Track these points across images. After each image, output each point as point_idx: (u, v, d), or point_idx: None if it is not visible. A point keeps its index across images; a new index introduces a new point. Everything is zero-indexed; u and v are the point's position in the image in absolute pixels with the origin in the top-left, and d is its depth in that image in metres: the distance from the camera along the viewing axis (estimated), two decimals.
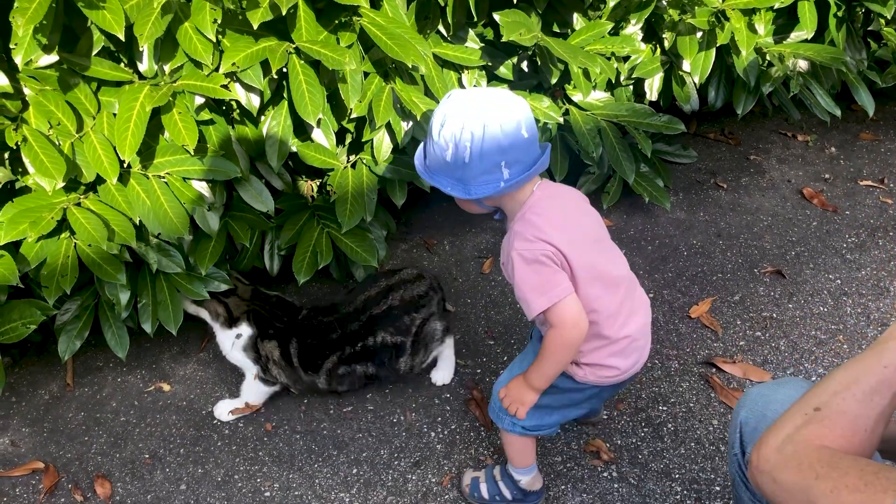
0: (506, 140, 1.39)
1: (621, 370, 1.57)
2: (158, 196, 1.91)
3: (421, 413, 2.15)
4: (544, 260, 1.43)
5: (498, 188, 1.43)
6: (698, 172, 3.04)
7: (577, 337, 1.46)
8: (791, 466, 0.95)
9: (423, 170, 1.51)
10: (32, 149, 1.73)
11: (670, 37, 2.53)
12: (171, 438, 2.13)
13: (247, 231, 2.16)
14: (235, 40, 1.85)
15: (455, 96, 1.42)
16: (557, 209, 1.50)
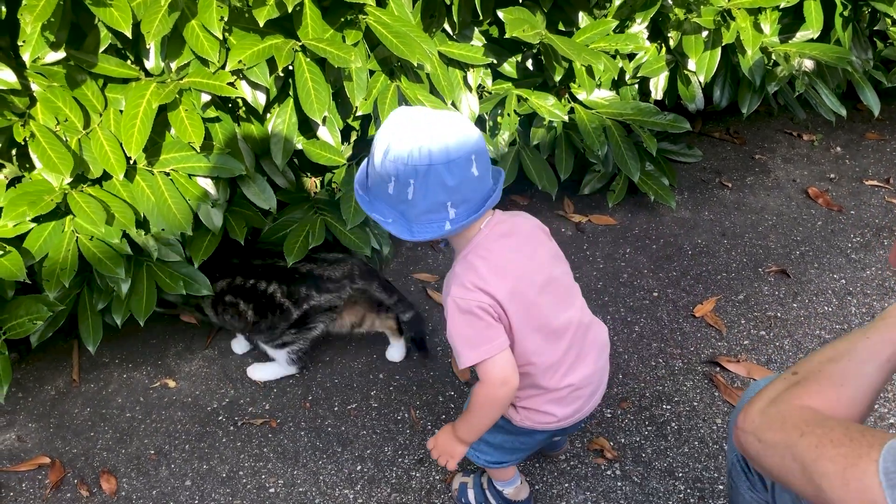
0: (453, 180, 1.26)
1: (558, 417, 1.51)
2: (163, 192, 1.92)
3: (425, 411, 2.15)
4: (479, 312, 1.34)
5: (442, 230, 1.31)
6: (703, 171, 3.04)
7: (503, 395, 1.39)
8: (775, 426, 0.95)
9: (362, 194, 1.37)
10: (40, 144, 1.74)
11: (676, 36, 2.53)
12: (177, 434, 2.14)
13: (243, 227, 2.16)
14: (242, 38, 1.86)
15: (402, 122, 1.28)
16: (504, 252, 1.39)
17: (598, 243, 2.70)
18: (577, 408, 1.53)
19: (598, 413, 2.09)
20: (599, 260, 2.63)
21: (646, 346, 2.29)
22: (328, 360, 2.33)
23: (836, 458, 0.87)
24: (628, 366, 2.23)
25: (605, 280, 2.54)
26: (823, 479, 0.87)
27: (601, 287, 2.51)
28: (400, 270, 2.65)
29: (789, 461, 0.91)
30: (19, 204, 1.78)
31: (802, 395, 0.98)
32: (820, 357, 1.03)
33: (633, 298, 2.46)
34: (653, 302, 2.44)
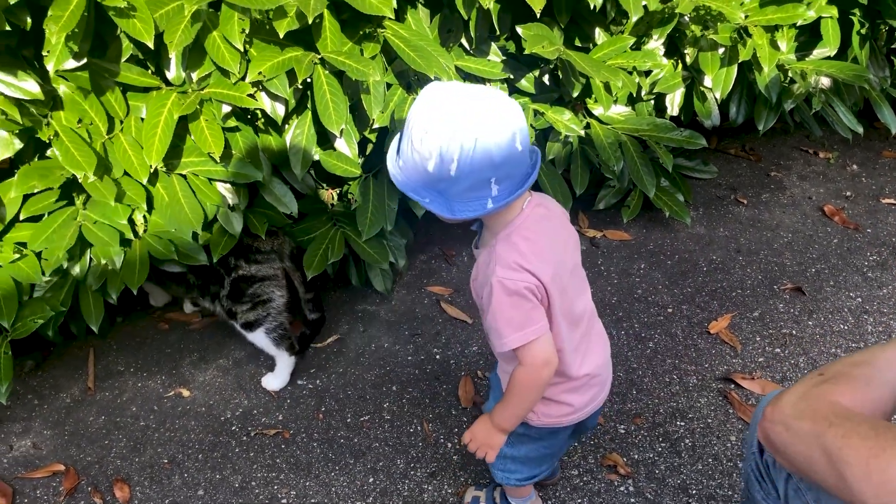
0: (499, 154, 1.21)
1: (575, 407, 1.50)
2: (177, 192, 1.94)
3: (438, 424, 2.15)
4: (526, 293, 1.31)
5: (485, 208, 1.27)
6: (719, 188, 3.04)
7: (547, 376, 1.37)
8: (805, 416, 0.99)
9: (397, 175, 1.32)
10: (63, 143, 1.77)
11: (692, 52, 2.53)
12: (190, 444, 2.15)
13: (264, 223, 2.17)
14: (262, 49, 1.88)
15: (442, 97, 1.23)
16: (546, 234, 1.38)
17: (613, 258, 2.70)
18: (592, 396, 1.53)
19: (611, 428, 2.08)
20: (614, 275, 2.62)
21: (660, 362, 2.28)
22: (341, 372, 2.33)
23: (861, 448, 0.90)
24: (642, 381, 2.22)
25: (620, 295, 2.53)
26: (847, 467, 0.91)
27: (615, 302, 2.50)
28: (413, 283, 2.66)
29: (816, 450, 0.95)
30: (31, 177, 1.80)
31: (833, 391, 1.01)
32: (843, 361, 1.08)
33: (647, 314, 2.45)
34: (667, 318, 2.43)
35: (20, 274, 1.95)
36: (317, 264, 2.25)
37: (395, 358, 2.37)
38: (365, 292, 2.61)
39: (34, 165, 1.86)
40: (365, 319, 2.53)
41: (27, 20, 1.68)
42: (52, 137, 1.80)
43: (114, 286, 2.05)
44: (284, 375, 2.29)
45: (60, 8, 1.57)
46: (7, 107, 1.67)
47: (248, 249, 2.19)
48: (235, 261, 2.18)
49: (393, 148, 1.34)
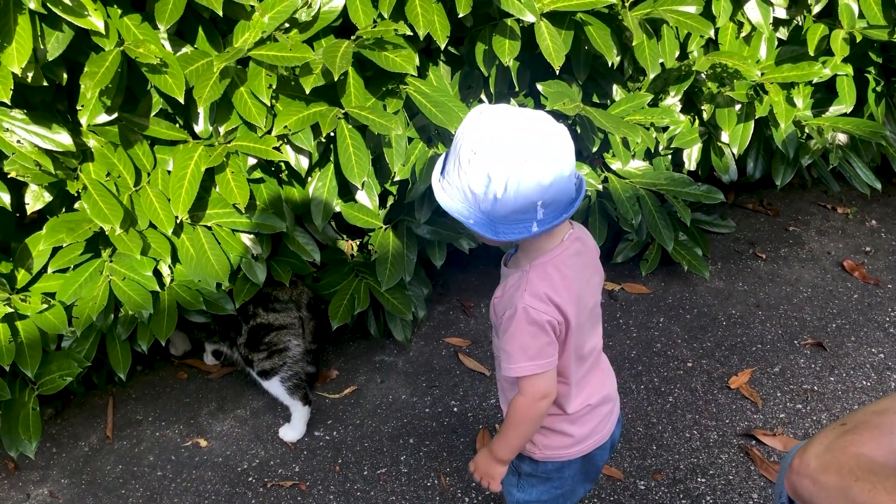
0: (546, 178, 1.21)
1: (576, 438, 1.50)
2: (204, 246, 1.98)
3: (455, 478, 2.13)
4: (547, 327, 1.32)
5: (529, 231, 1.26)
6: (737, 242, 3.04)
7: (543, 409, 1.39)
8: (832, 470, 0.99)
9: (441, 195, 1.32)
10: (91, 196, 1.82)
11: (709, 108, 2.57)
12: (207, 495, 2.14)
13: (288, 272, 2.20)
14: (288, 104, 1.93)
15: (490, 119, 1.23)
16: (578, 270, 1.37)
17: (632, 312, 2.69)
18: (594, 427, 1.51)
19: (630, 484, 2.05)
20: (633, 329, 2.62)
21: (680, 417, 2.26)
22: (358, 423, 2.33)
23: (888, 502, 0.91)
24: (662, 437, 2.20)
25: (639, 349, 2.52)
26: None
27: (635, 356, 2.49)
28: (431, 334, 2.66)
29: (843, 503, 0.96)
30: (59, 230, 1.84)
31: (856, 441, 1.01)
32: (865, 410, 1.07)
33: (666, 368, 2.44)
34: (687, 372, 2.42)
35: (47, 324, 1.98)
36: (342, 314, 2.28)
37: (412, 410, 2.36)
38: (382, 343, 2.62)
39: (62, 219, 1.90)
40: (382, 370, 2.53)
41: (63, 76, 1.74)
42: (81, 191, 1.85)
43: (144, 337, 2.09)
44: (300, 426, 2.29)
45: (96, 65, 1.63)
46: (41, 158, 1.72)
47: (266, 298, 2.22)
48: (254, 308, 2.21)
49: (438, 167, 1.34)
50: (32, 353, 1.94)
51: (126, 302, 1.96)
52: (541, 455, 1.51)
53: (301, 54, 1.79)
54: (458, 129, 1.26)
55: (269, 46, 1.82)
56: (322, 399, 2.42)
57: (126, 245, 1.86)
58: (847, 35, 2.48)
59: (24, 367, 1.93)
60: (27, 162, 1.71)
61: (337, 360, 2.58)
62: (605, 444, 1.56)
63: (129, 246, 1.86)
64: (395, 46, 1.89)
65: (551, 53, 2.02)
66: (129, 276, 1.96)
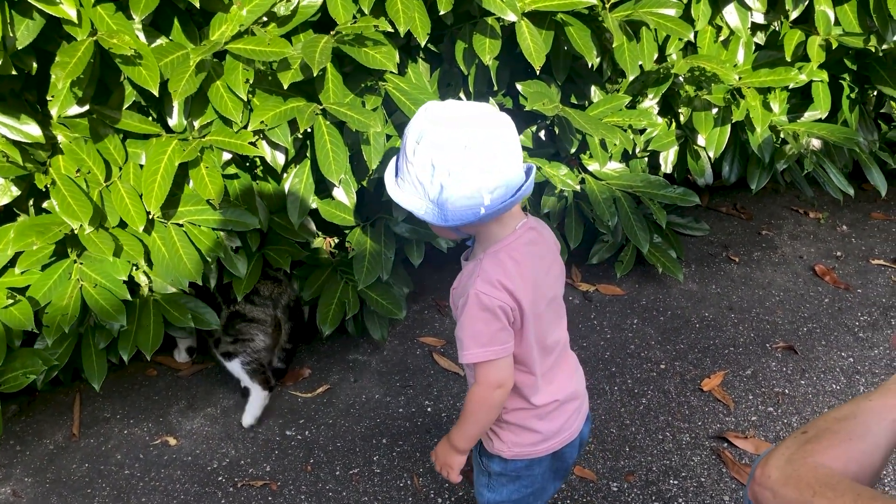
0: (489, 162, 1.25)
1: (544, 434, 1.50)
2: (175, 244, 1.95)
3: (428, 478, 2.12)
4: (499, 313, 1.32)
5: (478, 215, 1.28)
6: (710, 245, 3.06)
7: (498, 398, 1.38)
8: (791, 483, 1.00)
9: (395, 192, 1.35)
10: (60, 191, 1.77)
11: (686, 112, 2.58)
12: (175, 494, 2.10)
13: (286, 258, 2.20)
14: (265, 99, 1.90)
15: (433, 110, 1.28)
16: (532, 258, 1.39)
17: (606, 313, 2.70)
18: (562, 423, 1.51)
19: (603, 486, 2.06)
20: (607, 330, 2.62)
21: (653, 419, 2.26)
22: (331, 423, 2.30)
23: None
24: (635, 438, 2.20)
25: (613, 350, 2.53)
26: None
27: (608, 357, 2.50)
28: (405, 333, 2.64)
29: None
30: (28, 234, 1.80)
31: (816, 450, 1.02)
32: (827, 417, 1.08)
33: (640, 370, 2.45)
34: (660, 374, 2.43)
35: (12, 320, 1.92)
36: (332, 319, 2.29)
37: (385, 410, 2.35)
38: (356, 341, 2.59)
39: (31, 221, 1.85)
40: (356, 370, 2.51)
41: (33, 65, 1.70)
42: (50, 186, 1.80)
43: (125, 348, 2.06)
44: (255, 410, 2.29)
45: (68, 54, 1.59)
46: (9, 149, 1.67)
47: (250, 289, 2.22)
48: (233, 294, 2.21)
49: (391, 166, 1.37)
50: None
51: (97, 311, 1.92)
52: (510, 453, 1.51)
53: (279, 49, 1.76)
54: (409, 124, 1.29)
55: (247, 40, 1.79)
56: (294, 398, 2.40)
57: (97, 246, 1.82)
58: (823, 41, 2.50)
59: None
60: None
61: (310, 359, 2.55)
62: (575, 441, 1.57)
63: (100, 247, 1.82)
64: (375, 43, 1.87)
65: (532, 53, 2.01)
66: (101, 282, 1.92)
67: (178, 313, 2.06)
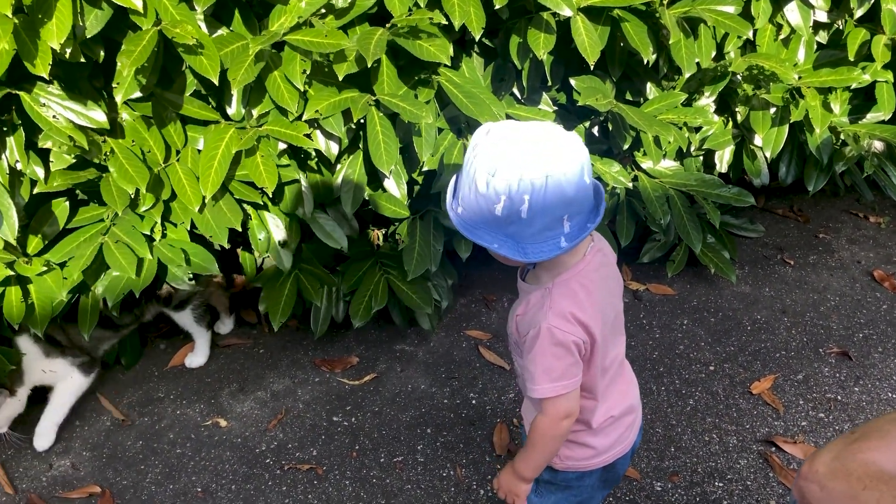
0: (570, 189, 1.16)
1: (598, 450, 1.47)
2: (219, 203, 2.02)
3: (471, 469, 2.13)
4: (572, 348, 1.28)
5: (559, 248, 1.21)
6: (765, 247, 3.01)
7: (565, 429, 1.36)
8: (839, 477, 0.98)
9: (459, 222, 1.25)
10: (118, 160, 1.84)
11: (743, 111, 2.54)
12: (224, 474, 2.16)
13: (317, 288, 2.25)
14: (320, 90, 1.93)
15: (500, 137, 1.18)
16: (601, 282, 1.33)
17: (656, 313, 2.67)
18: (617, 438, 1.48)
19: (647, 485, 2.04)
20: (656, 329, 2.60)
21: (700, 421, 2.24)
22: (377, 411, 2.33)
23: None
24: (681, 439, 2.18)
25: (661, 350, 2.51)
26: None
27: (656, 357, 2.48)
28: (452, 326, 2.66)
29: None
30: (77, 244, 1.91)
31: (865, 447, 1.00)
32: (878, 419, 1.06)
33: (688, 371, 2.42)
34: (709, 376, 2.40)
35: (45, 288, 1.99)
36: (362, 313, 2.33)
37: (430, 400, 2.37)
38: (404, 332, 2.62)
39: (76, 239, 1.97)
40: (402, 360, 2.53)
41: (101, 53, 1.76)
42: (108, 154, 1.86)
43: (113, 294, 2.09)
44: (203, 353, 2.55)
45: (133, 43, 1.64)
46: (75, 134, 1.74)
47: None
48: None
49: (449, 194, 1.29)
50: (42, 314, 1.97)
51: (113, 265, 1.96)
52: (561, 465, 1.49)
53: (336, 41, 1.79)
54: (468, 151, 1.20)
55: (305, 32, 1.83)
56: (342, 385, 2.44)
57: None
58: (889, 41, 2.43)
59: (34, 326, 1.98)
60: (61, 137, 1.72)
61: (358, 347, 2.59)
62: (627, 453, 1.54)
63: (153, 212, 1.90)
64: (430, 36, 1.89)
65: (587, 48, 2.00)
66: (123, 238, 1.96)
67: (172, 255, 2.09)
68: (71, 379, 2.25)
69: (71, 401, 2.29)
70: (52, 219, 1.97)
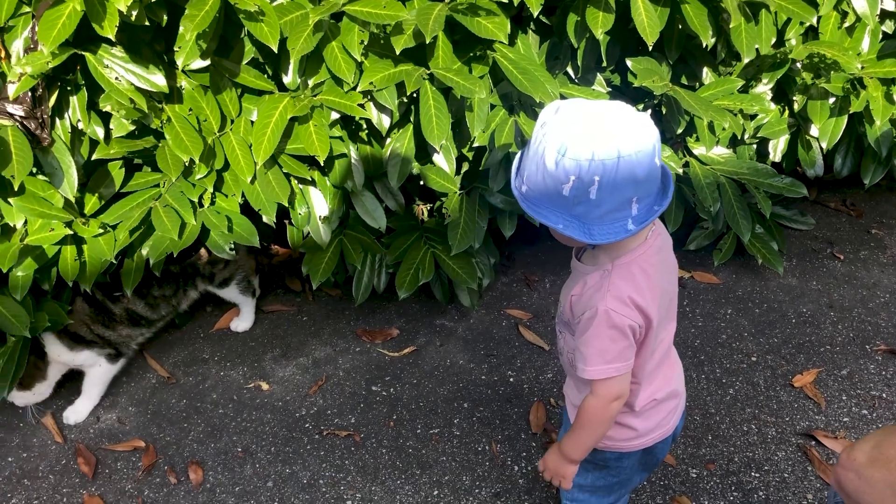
0: (641, 170, 1.13)
1: (639, 432, 1.47)
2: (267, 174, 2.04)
3: (506, 445, 2.15)
4: (628, 331, 1.27)
5: (626, 231, 1.18)
6: (815, 240, 2.96)
7: (614, 410, 1.36)
8: (879, 464, 0.98)
9: (523, 200, 1.24)
10: (174, 128, 1.88)
11: (801, 99, 2.49)
12: (264, 436, 2.21)
13: (359, 252, 2.26)
14: (375, 62, 1.94)
15: (572, 115, 1.15)
16: (659, 266, 1.32)
17: (699, 301, 2.65)
18: (658, 422, 1.48)
19: (682, 471, 2.04)
20: (699, 318, 2.58)
21: (739, 411, 2.22)
22: (415, 383, 2.36)
23: None
24: (719, 427, 2.17)
25: (703, 339, 2.49)
26: None
27: (698, 345, 2.46)
28: (493, 304, 2.67)
29: (889, 499, 0.95)
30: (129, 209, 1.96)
31: None
32: None
33: (730, 360, 2.40)
34: (750, 366, 2.38)
35: (97, 249, 2.04)
36: (408, 284, 2.35)
37: (468, 376, 2.39)
38: (444, 308, 2.64)
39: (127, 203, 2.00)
40: (442, 334, 2.55)
41: (164, 17, 1.79)
42: (165, 122, 1.90)
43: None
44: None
45: (197, 8, 1.67)
46: (136, 96, 1.78)
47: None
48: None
49: (513, 172, 1.27)
50: (92, 273, 2.03)
51: (158, 227, 2.00)
52: (601, 445, 1.48)
53: (394, 12, 1.80)
54: (536, 129, 1.18)
55: (364, 3, 1.83)
56: (382, 356, 2.47)
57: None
58: None
59: (83, 282, 2.04)
60: (122, 98, 1.76)
61: (398, 320, 2.61)
62: (668, 437, 1.54)
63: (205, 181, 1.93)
64: (488, 13, 1.88)
65: (645, 29, 1.98)
66: (172, 203, 2.00)
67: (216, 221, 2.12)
68: (99, 367, 2.29)
69: (103, 385, 2.33)
70: (108, 180, 2.02)
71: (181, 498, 2.04)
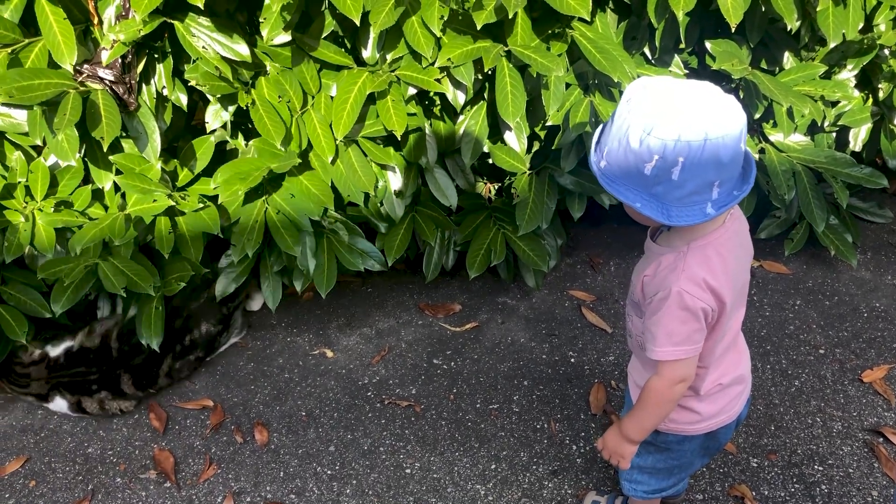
0: (726, 153, 1.12)
1: (703, 416, 1.46)
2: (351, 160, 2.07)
3: (564, 425, 2.16)
4: (700, 315, 1.26)
5: (704, 215, 1.17)
6: (891, 234, 2.87)
7: (679, 392, 1.36)
8: None
9: (600, 176, 1.22)
10: (258, 111, 1.91)
11: (886, 87, 2.41)
12: (328, 401, 2.26)
13: (433, 229, 2.28)
14: (453, 38, 1.95)
15: (660, 94, 1.14)
16: (735, 250, 1.30)
17: (768, 291, 2.61)
18: (722, 407, 1.48)
19: (742, 460, 2.03)
20: (766, 307, 2.54)
21: (804, 403, 2.19)
22: (476, 358, 2.39)
23: None
24: (782, 419, 2.14)
25: (770, 329, 2.45)
26: None
27: (764, 335, 2.43)
28: (556, 284, 2.67)
29: None
30: (233, 183, 1.97)
31: None
32: None
33: (796, 352, 2.36)
34: (818, 359, 2.34)
35: (200, 223, 2.10)
36: (478, 265, 2.37)
37: (529, 354, 2.40)
38: (507, 286, 2.65)
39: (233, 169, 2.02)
40: (504, 312, 2.57)
41: None
42: (249, 105, 1.95)
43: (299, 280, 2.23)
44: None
45: None
46: (221, 65, 1.82)
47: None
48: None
49: (592, 146, 1.26)
50: (195, 244, 2.09)
51: (276, 236, 2.06)
52: (664, 427, 1.49)
53: None
54: (621, 105, 1.17)
55: None
56: (444, 330, 2.50)
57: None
58: None
59: (187, 254, 2.09)
60: (209, 67, 1.81)
61: (461, 296, 2.64)
62: (731, 423, 1.53)
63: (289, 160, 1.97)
64: None
65: (729, 10, 1.94)
66: (284, 208, 2.06)
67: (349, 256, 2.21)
68: None
69: None
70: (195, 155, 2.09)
71: (246, 457, 2.11)
